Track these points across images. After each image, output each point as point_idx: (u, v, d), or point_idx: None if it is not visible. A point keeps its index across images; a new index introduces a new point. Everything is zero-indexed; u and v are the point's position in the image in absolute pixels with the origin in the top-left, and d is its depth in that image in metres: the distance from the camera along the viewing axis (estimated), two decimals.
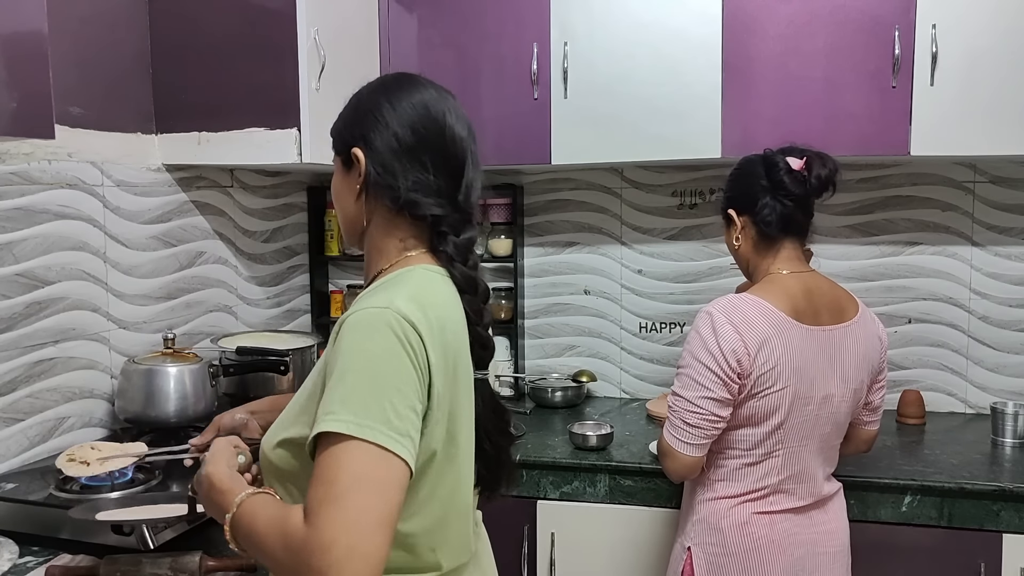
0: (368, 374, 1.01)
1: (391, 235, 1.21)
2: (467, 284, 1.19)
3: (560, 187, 2.81)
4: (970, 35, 2.13)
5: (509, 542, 2.21)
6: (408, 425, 1.01)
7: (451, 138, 1.20)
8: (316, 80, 2.07)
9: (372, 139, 1.19)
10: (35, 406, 1.87)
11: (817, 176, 1.71)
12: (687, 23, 2.29)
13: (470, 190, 1.22)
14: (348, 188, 1.23)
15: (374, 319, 1.04)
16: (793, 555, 1.70)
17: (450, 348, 1.10)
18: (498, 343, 2.77)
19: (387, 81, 1.25)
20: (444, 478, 1.13)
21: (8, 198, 1.80)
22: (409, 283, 1.12)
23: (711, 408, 1.66)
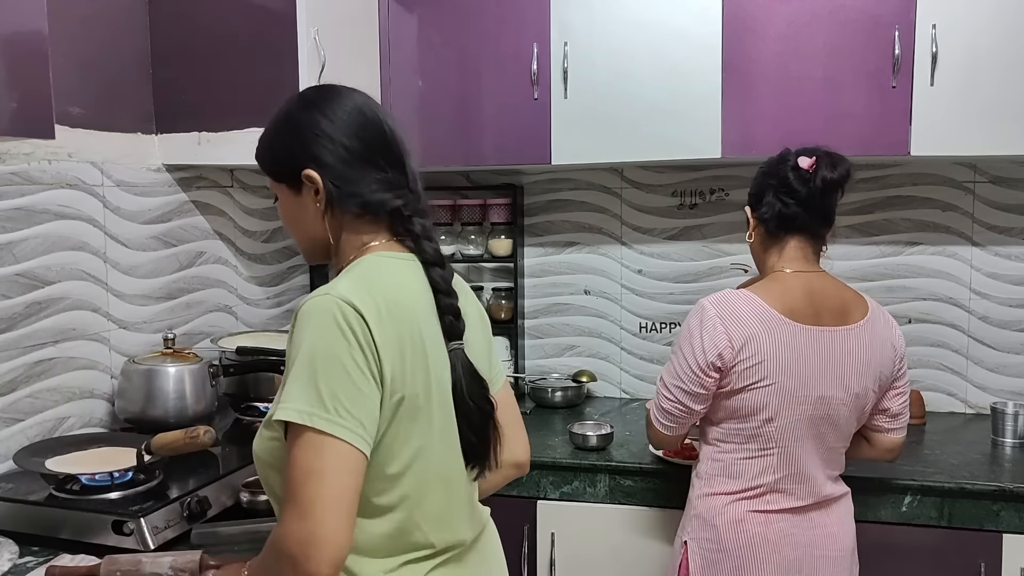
0: (310, 362, 1.06)
1: (352, 235, 1.24)
2: (436, 257, 1.24)
3: (560, 187, 2.81)
4: (970, 35, 2.13)
5: (509, 542, 2.20)
6: (353, 406, 1.06)
7: (390, 133, 1.25)
8: (316, 80, 2.07)
9: (321, 156, 1.21)
10: (35, 406, 1.87)
11: (823, 178, 1.70)
12: (687, 23, 2.29)
13: (416, 177, 1.28)
14: (305, 210, 1.24)
15: (315, 307, 1.09)
16: (789, 556, 1.69)
17: (404, 324, 1.13)
18: (498, 343, 2.79)
19: (310, 97, 1.26)
20: (413, 451, 1.15)
21: (8, 198, 1.80)
22: (357, 271, 1.18)
23: (682, 399, 1.72)
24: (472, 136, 2.48)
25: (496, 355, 1.41)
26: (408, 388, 1.13)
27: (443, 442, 1.19)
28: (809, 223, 1.74)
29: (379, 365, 1.09)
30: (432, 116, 2.50)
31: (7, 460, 1.78)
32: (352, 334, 1.07)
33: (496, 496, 2.18)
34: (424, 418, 1.15)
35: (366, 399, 1.08)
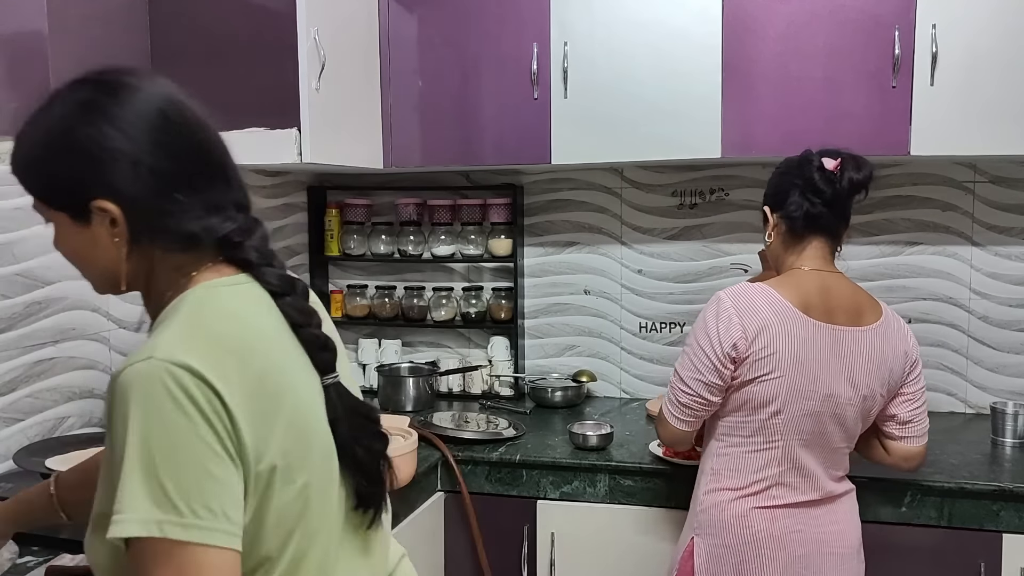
0: (145, 453, 0.84)
1: (166, 267, 0.99)
2: (283, 285, 1.01)
3: (560, 187, 2.80)
4: (970, 35, 2.13)
5: (509, 542, 2.21)
6: (213, 499, 0.85)
7: (204, 136, 1.01)
8: (316, 80, 2.07)
9: (117, 184, 0.93)
10: (35, 406, 1.88)
11: (849, 179, 1.73)
12: (687, 23, 2.29)
13: (242, 185, 1.04)
14: (95, 245, 0.97)
15: (141, 379, 0.86)
16: (795, 552, 1.70)
17: (260, 372, 0.92)
18: (498, 343, 2.79)
19: (91, 99, 0.98)
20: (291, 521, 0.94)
21: (8, 198, 1.80)
22: (183, 315, 0.93)
23: (701, 391, 1.71)
24: (472, 136, 2.48)
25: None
26: (278, 451, 0.92)
27: (326, 500, 0.99)
28: (831, 223, 1.77)
29: (235, 437, 0.87)
30: (432, 116, 2.50)
31: (7, 460, 1.78)
32: (195, 407, 0.85)
33: (496, 496, 2.20)
34: (302, 479, 0.94)
35: (226, 486, 0.86)
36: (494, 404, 2.71)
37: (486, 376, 2.81)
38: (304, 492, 0.95)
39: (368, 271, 3.00)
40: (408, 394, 2.66)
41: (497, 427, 2.39)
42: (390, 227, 2.88)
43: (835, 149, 1.77)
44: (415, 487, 2.07)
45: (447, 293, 2.87)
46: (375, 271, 2.99)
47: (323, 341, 1.02)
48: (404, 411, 2.59)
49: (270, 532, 0.93)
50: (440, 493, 2.24)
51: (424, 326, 2.90)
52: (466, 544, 2.23)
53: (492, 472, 2.21)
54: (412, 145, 2.51)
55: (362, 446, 1.03)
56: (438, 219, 2.81)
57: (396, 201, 2.87)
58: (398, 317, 2.91)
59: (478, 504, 2.20)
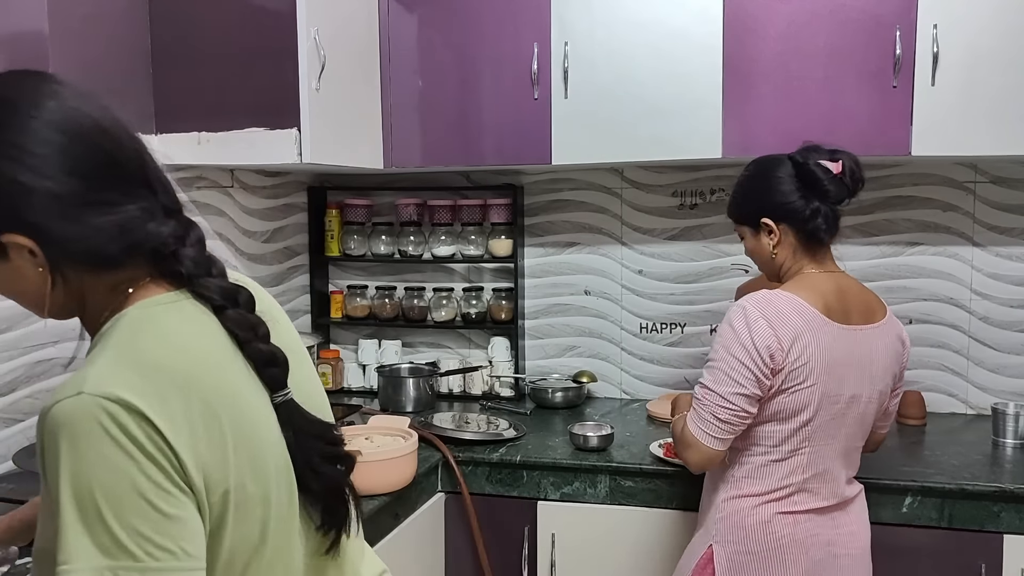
0: (87, 499, 0.78)
1: (99, 287, 0.93)
2: (225, 297, 0.94)
3: (560, 187, 2.80)
4: (971, 35, 2.13)
5: (509, 543, 2.21)
6: (161, 537, 0.80)
7: (113, 142, 0.91)
8: (316, 80, 2.07)
9: (24, 215, 0.85)
10: (35, 406, 1.87)
11: (852, 176, 1.74)
12: (688, 23, 2.28)
13: (165, 180, 0.96)
14: (23, 278, 0.90)
15: (71, 417, 0.79)
16: (815, 556, 1.70)
17: (203, 392, 0.86)
18: (499, 343, 2.79)
19: None
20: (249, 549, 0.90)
21: None
22: (115, 341, 0.87)
23: (742, 404, 1.65)
24: (472, 136, 2.47)
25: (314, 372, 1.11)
26: (230, 481, 0.87)
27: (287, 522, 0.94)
28: (837, 224, 1.78)
29: (182, 470, 0.82)
30: (432, 116, 2.49)
31: (7, 461, 1.77)
32: (134, 444, 0.79)
33: (496, 496, 2.19)
34: (259, 508, 0.90)
35: (179, 522, 0.81)
36: (494, 405, 2.71)
37: (486, 377, 2.80)
38: (263, 521, 0.91)
39: (368, 271, 2.99)
40: (408, 395, 2.66)
41: (497, 428, 2.39)
42: (390, 227, 2.87)
43: (815, 146, 1.76)
44: (415, 488, 2.07)
45: (447, 294, 2.86)
46: (375, 271, 2.98)
47: (268, 356, 0.94)
48: (404, 412, 2.59)
49: (223, 566, 0.88)
50: (440, 494, 2.23)
51: (424, 327, 2.90)
52: (467, 545, 2.22)
53: (493, 473, 2.20)
54: (412, 145, 2.51)
55: (316, 470, 0.96)
56: (438, 219, 2.81)
57: (396, 201, 2.87)
58: (398, 318, 2.91)
59: (479, 505, 2.19)
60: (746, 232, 1.83)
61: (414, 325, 2.90)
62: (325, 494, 0.97)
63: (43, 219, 0.86)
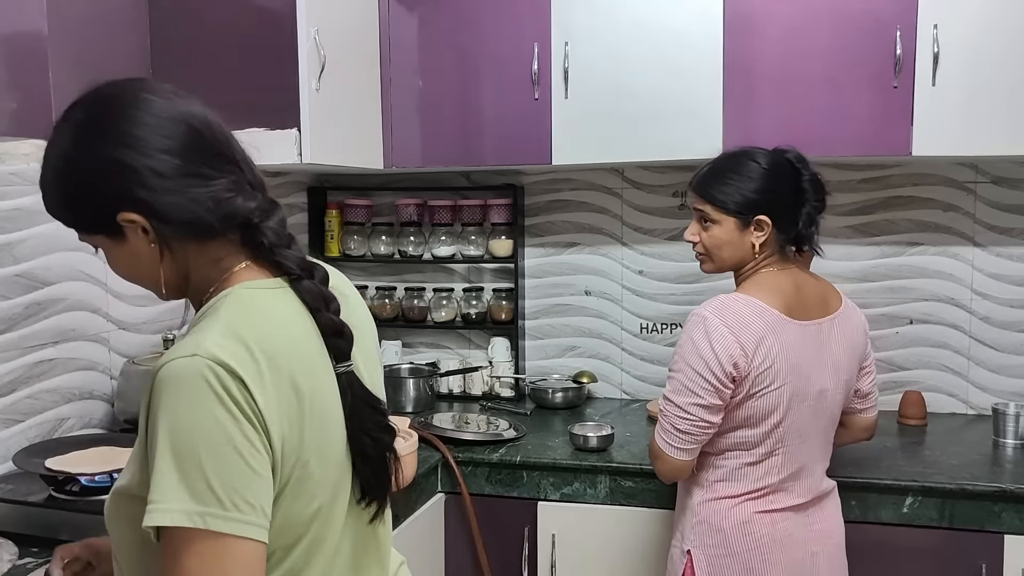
0: (187, 444, 0.87)
1: (205, 263, 1.03)
2: (301, 268, 1.03)
3: (561, 187, 2.80)
4: (972, 35, 2.13)
5: (510, 544, 2.21)
6: (251, 494, 0.88)
7: (202, 126, 1.02)
8: (316, 80, 2.07)
9: (134, 192, 0.96)
10: (35, 407, 1.87)
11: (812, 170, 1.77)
12: (688, 23, 2.28)
13: (252, 164, 1.07)
14: (138, 256, 1.01)
15: (183, 374, 0.89)
16: (794, 555, 1.70)
17: (289, 373, 0.95)
18: (499, 344, 2.79)
19: (87, 121, 1.00)
20: (307, 518, 0.98)
21: (8, 198, 1.80)
22: (224, 313, 0.96)
23: (701, 415, 1.65)
24: (472, 136, 2.47)
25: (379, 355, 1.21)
26: (302, 451, 0.96)
27: (337, 502, 1.02)
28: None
29: (267, 436, 0.91)
30: (432, 116, 2.49)
31: (7, 461, 1.77)
32: (235, 404, 0.88)
33: (496, 497, 2.19)
34: (318, 484, 0.98)
35: (263, 481, 0.90)
36: (494, 405, 2.71)
37: (486, 377, 2.80)
38: (321, 493, 0.98)
39: (368, 272, 2.99)
40: (408, 395, 2.66)
41: (497, 428, 2.39)
42: (390, 228, 2.87)
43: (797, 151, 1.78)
44: (415, 488, 2.07)
45: (447, 294, 2.86)
46: (375, 272, 2.98)
47: (337, 327, 1.02)
48: (404, 412, 2.58)
49: (284, 527, 0.95)
50: (440, 494, 2.23)
51: (424, 327, 2.90)
52: (467, 545, 2.22)
53: (493, 473, 2.20)
54: (412, 145, 2.51)
55: (371, 437, 1.04)
56: (438, 220, 2.81)
57: (396, 202, 2.86)
58: (398, 318, 2.91)
59: (479, 505, 2.19)
60: (725, 221, 1.74)
61: (414, 325, 2.90)
62: (374, 461, 1.04)
63: (149, 195, 0.96)
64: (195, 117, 1.01)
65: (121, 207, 0.97)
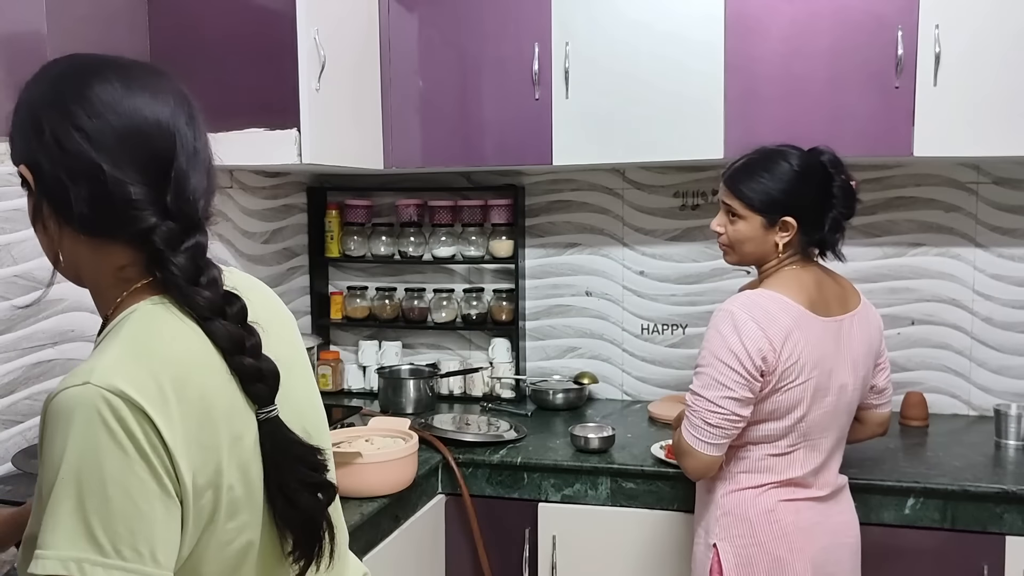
0: (73, 485, 0.79)
1: (102, 265, 0.94)
2: (211, 309, 0.92)
3: (561, 188, 2.80)
4: (973, 35, 2.12)
5: (510, 545, 2.20)
6: (139, 538, 0.80)
7: (143, 125, 0.93)
8: (316, 80, 2.07)
9: (34, 152, 0.92)
10: (34, 408, 1.87)
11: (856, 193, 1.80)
12: (689, 23, 2.28)
13: (184, 186, 0.95)
14: (30, 212, 0.97)
15: (71, 406, 0.81)
16: (820, 543, 1.71)
17: (205, 393, 0.88)
18: (499, 345, 2.78)
19: (51, 73, 0.97)
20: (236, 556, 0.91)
21: (8, 199, 1.80)
22: (124, 334, 0.88)
23: (733, 408, 1.65)
24: (473, 136, 2.47)
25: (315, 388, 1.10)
26: (221, 479, 0.88)
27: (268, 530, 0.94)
28: None
29: (173, 470, 0.83)
30: (432, 116, 2.49)
31: (6, 462, 1.77)
32: (130, 440, 0.80)
33: (497, 498, 2.19)
34: (244, 514, 0.91)
35: (157, 525, 0.81)
36: (495, 406, 2.70)
37: (487, 378, 2.80)
38: (250, 525, 0.92)
39: (368, 272, 2.99)
40: (408, 396, 2.65)
41: (498, 429, 2.38)
42: (390, 228, 2.87)
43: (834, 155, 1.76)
44: (416, 490, 2.06)
45: (448, 295, 2.86)
46: (375, 272, 2.98)
47: (254, 372, 0.92)
48: (404, 413, 2.58)
49: (219, 568, 0.89)
50: (441, 496, 2.23)
51: (425, 328, 2.89)
52: (467, 547, 2.22)
53: (493, 475, 2.20)
54: (412, 146, 2.50)
55: (288, 496, 0.93)
56: (439, 220, 2.80)
57: (396, 202, 2.86)
58: (398, 319, 2.90)
59: (479, 507, 2.19)
60: (751, 217, 1.75)
61: (414, 326, 2.90)
62: (293, 520, 0.95)
63: (43, 157, 0.91)
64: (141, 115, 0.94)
65: (24, 158, 0.94)
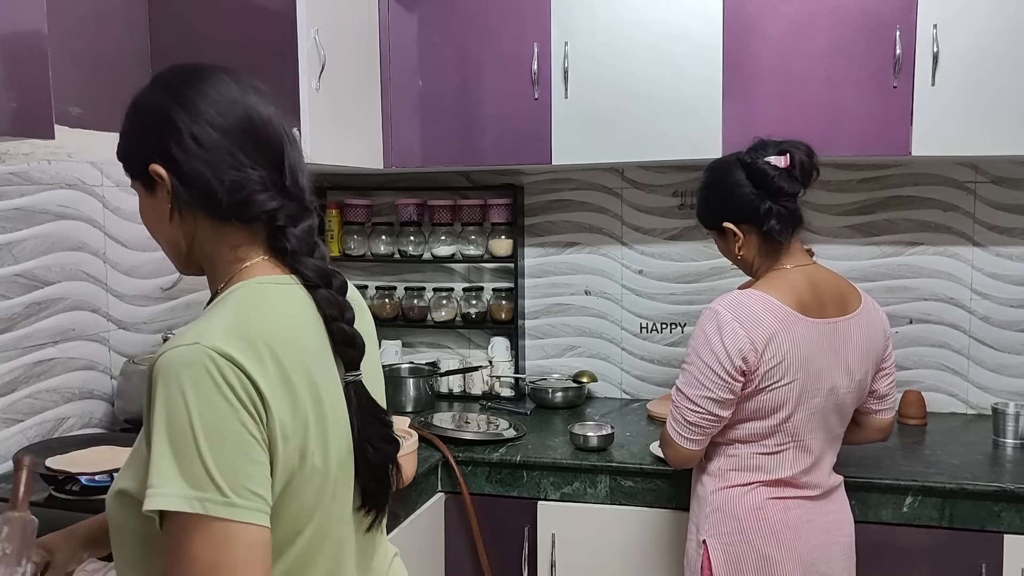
0: (185, 434, 0.88)
1: (221, 246, 1.05)
2: (319, 277, 1.05)
3: (560, 187, 2.80)
4: (971, 35, 2.13)
5: (510, 543, 2.21)
6: (251, 480, 0.89)
7: (259, 121, 1.05)
8: (316, 80, 2.07)
9: (170, 149, 1.01)
10: (35, 407, 1.87)
11: (802, 167, 1.73)
12: (688, 23, 2.28)
13: (296, 173, 1.08)
14: (158, 212, 1.06)
15: (182, 362, 0.90)
16: (808, 542, 1.71)
17: (293, 366, 0.96)
18: (499, 344, 2.79)
19: (167, 80, 1.07)
20: (306, 516, 0.99)
21: (8, 198, 1.80)
22: (230, 306, 0.99)
23: (710, 408, 1.68)
24: (472, 136, 2.47)
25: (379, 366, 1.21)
26: (305, 442, 0.97)
27: (339, 496, 1.03)
28: (802, 217, 1.78)
29: (267, 426, 0.92)
30: (432, 116, 2.49)
31: (7, 461, 1.77)
32: (233, 393, 0.89)
33: (496, 496, 2.19)
34: (320, 475, 0.99)
35: (261, 468, 0.91)
36: (494, 405, 2.71)
37: (486, 377, 2.80)
38: (323, 484, 0.99)
39: (368, 271, 2.99)
40: (408, 395, 2.66)
41: (497, 428, 2.39)
42: (390, 227, 2.87)
43: (764, 141, 1.76)
44: (415, 488, 2.07)
45: (447, 293, 2.86)
46: (375, 271, 2.98)
47: (350, 337, 1.05)
48: (404, 412, 2.58)
49: (287, 518, 0.96)
50: (440, 494, 2.23)
51: (424, 327, 2.90)
52: (467, 545, 2.22)
53: (493, 473, 2.20)
54: (412, 145, 2.51)
55: (374, 447, 1.06)
56: (438, 219, 2.81)
57: (396, 201, 2.86)
58: (398, 317, 2.91)
59: (479, 505, 2.19)
60: (714, 236, 1.87)
61: (414, 325, 2.90)
62: (376, 470, 1.06)
63: (181, 155, 1.01)
64: (257, 111, 1.05)
65: (154, 159, 1.02)
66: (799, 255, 1.78)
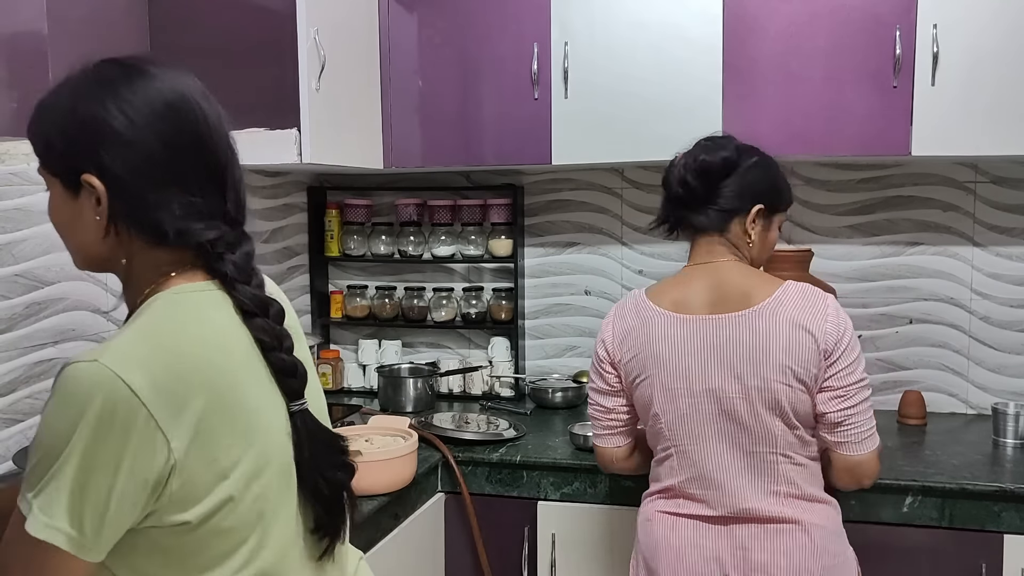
0: (76, 461, 0.84)
1: (147, 263, 0.99)
2: (257, 306, 0.99)
3: (560, 187, 2.80)
4: (971, 35, 2.13)
5: (510, 543, 2.21)
6: (108, 525, 0.86)
7: (208, 133, 0.98)
8: (316, 80, 2.07)
9: (106, 161, 0.93)
10: (35, 407, 1.87)
11: (694, 162, 1.67)
12: (688, 23, 2.28)
13: (239, 191, 1.02)
14: (82, 222, 0.97)
15: (82, 381, 0.86)
16: (692, 568, 1.59)
17: (212, 381, 0.91)
18: (498, 344, 2.79)
19: (107, 74, 0.97)
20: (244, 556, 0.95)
21: (8, 198, 1.80)
22: (145, 316, 0.94)
23: (596, 398, 1.76)
24: (472, 136, 2.47)
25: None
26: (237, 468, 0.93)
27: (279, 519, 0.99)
28: (701, 219, 1.67)
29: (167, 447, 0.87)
30: (432, 116, 2.49)
31: (7, 461, 1.77)
32: (122, 419, 0.85)
33: (496, 496, 2.19)
34: (257, 499, 0.95)
35: (128, 513, 0.87)
36: (494, 405, 2.71)
37: (486, 377, 2.80)
38: (260, 514, 0.96)
39: (368, 272, 2.99)
40: (408, 395, 2.66)
41: (497, 428, 2.39)
42: (390, 227, 2.87)
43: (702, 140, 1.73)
44: (415, 488, 2.07)
45: (447, 294, 2.86)
46: (375, 272, 2.98)
47: (291, 367, 1.00)
48: (404, 412, 2.59)
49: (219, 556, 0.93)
50: (440, 494, 2.23)
51: (424, 327, 2.90)
52: (467, 545, 2.22)
53: (493, 473, 2.20)
54: (412, 145, 2.51)
55: (324, 476, 1.02)
56: (438, 219, 2.81)
57: (396, 201, 2.87)
58: (398, 318, 2.91)
59: (479, 505, 2.19)
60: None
61: (414, 325, 2.90)
62: (326, 499, 1.03)
63: (123, 172, 0.93)
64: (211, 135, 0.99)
65: (87, 168, 0.94)
66: (704, 254, 1.67)
